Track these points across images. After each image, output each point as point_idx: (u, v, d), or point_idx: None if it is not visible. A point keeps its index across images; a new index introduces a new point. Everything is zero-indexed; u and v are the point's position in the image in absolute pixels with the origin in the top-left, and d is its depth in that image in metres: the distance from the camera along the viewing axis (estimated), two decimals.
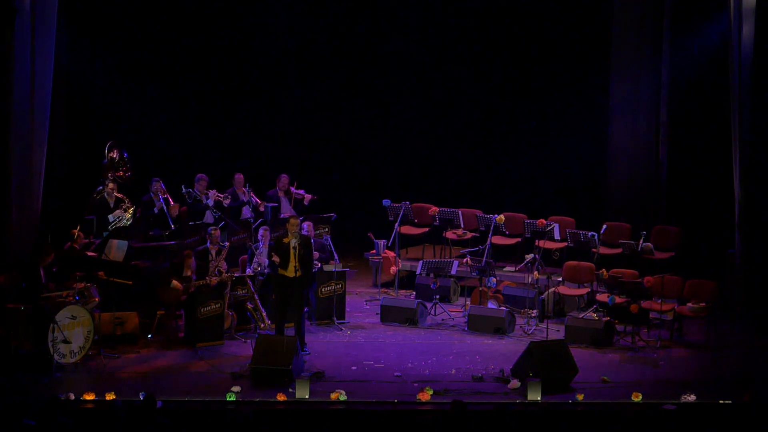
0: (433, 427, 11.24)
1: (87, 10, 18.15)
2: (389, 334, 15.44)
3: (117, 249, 15.48)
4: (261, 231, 15.83)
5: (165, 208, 16.40)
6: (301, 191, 17.56)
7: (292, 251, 14.16)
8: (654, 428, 11.73)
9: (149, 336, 14.87)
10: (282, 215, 17.11)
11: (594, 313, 15.51)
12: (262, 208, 17.14)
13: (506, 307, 15.88)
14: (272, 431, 11.55)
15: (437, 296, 16.30)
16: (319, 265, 15.60)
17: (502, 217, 16.93)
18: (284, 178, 17.54)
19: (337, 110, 20.37)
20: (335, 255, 16.22)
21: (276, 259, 14.19)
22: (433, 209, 17.59)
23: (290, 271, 14.21)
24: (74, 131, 18.13)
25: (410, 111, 20.30)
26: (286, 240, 14.22)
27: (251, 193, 17.10)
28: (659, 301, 15.19)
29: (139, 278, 15.27)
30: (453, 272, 16.41)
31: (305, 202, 17.51)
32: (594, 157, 18.85)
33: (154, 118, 19.16)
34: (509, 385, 13.16)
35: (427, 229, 17.92)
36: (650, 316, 15.44)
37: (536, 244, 16.50)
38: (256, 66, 19.94)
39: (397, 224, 17.09)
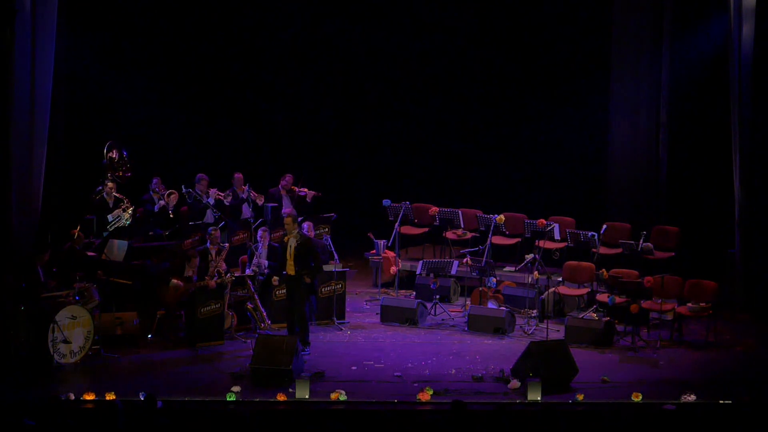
0: (433, 427, 11.24)
1: (87, 10, 18.14)
2: (389, 334, 15.44)
3: (117, 249, 15.50)
4: (260, 232, 15.84)
5: (165, 201, 16.45)
6: (304, 189, 17.57)
7: (288, 250, 14.26)
8: (654, 428, 11.72)
9: (149, 336, 14.87)
10: (282, 214, 17.15)
11: (594, 313, 15.50)
12: (260, 201, 17.16)
13: (506, 307, 15.87)
14: (272, 431, 11.55)
15: (437, 296, 16.29)
16: None
17: (502, 217, 16.93)
18: (289, 178, 17.56)
19: (338, 110, 20.38)
20: (335, 255, 16.22)
21: (275, 281, 14.55)
22: (433, 209, 17.58)
23: (289, 270, 14.33)
24: (74, 131, 18.12)
25: (411, 111, 20.30)
26: (285, 239, 14.39)
27: (251, 191, 17.14)
28: (659, 301, 15.18)
29: (139, 278, 15.27)
30: (453, 272, 16.41)
31: (308, 199, 17.51)
32: (594, 157, 18.85)
33: (154, 117, 19.16)
34: (509, 385, 13.16)
35: (427, 229, 17.91)
36: (650, 316, 15.44)
37: (536, 244, 16.49)
38: (256, 66, 19.94)
39: (397, 224, 17.09)
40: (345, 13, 19.80)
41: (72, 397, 12.42)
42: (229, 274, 14.95)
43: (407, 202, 17.40)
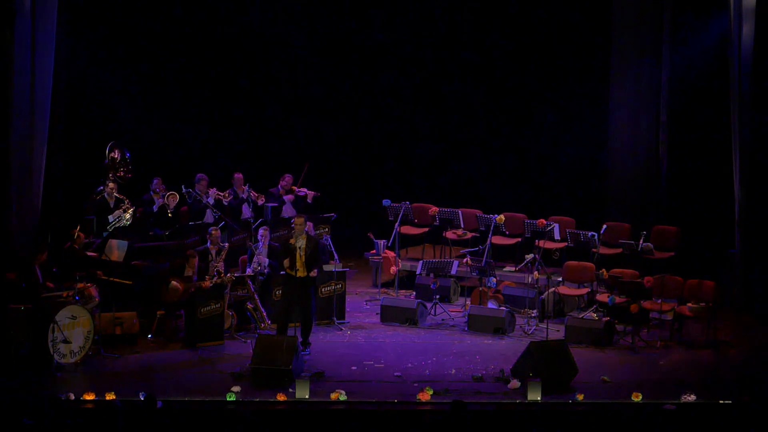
0: (433, 427, 11.25)
1: (87, 10, 18.15)
2: (389, 334, 15.44)
3: (117, 249, 15.50)
4: (261, 231, 15.85)
5: (164, 201, 16.47)
6: (303, 189, 17.59)
7: (297, 251, 14.19)
8: (654, 428, 11.73)
9: (149, 336, 14.87)
10: (283, 215, 17.15)
11: (594, 313, 15.51)
12: (260, 202, 17.17)
13: (506, 307, 15.87)
14: (272, 431, 11.55)
15: (437, 296, 16.29)
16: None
17: (502, 217, 16.93)
18: (288, 178, 17.59)
19: (337, 110, 20.38)
20: (335, 255, 16.22)
21: (287, 263, 14.21)
22: (433, 209, 17.58)
23: (293, 271, 14.24)
24: (74, 131, 18.13)
25: (411, 111, 20.30)
26: (292, 241, 14.25)
27: (251, 191, 17.15)
28: (659, 301, 15.18)
29: (139, 278, 15.27)
30: (453, 272, 16.41)
31: (308, 200, 17.54)
32: (594, 157, 18.85)
33: (154, 118, 19.17)
34: (509, 385, 13.15)
35: (427, 229, 17.91)
36: (650, 316, 15.44)
37: (536, 244, 16.49)
38: (256, 66, 19.95)
39: (397, 224, 17.09)
40: (345, 12, 19.80)
41: (72, 397, 12.42)
42: (229, 274, 14.95)
43: (407, 202, 17.40)
